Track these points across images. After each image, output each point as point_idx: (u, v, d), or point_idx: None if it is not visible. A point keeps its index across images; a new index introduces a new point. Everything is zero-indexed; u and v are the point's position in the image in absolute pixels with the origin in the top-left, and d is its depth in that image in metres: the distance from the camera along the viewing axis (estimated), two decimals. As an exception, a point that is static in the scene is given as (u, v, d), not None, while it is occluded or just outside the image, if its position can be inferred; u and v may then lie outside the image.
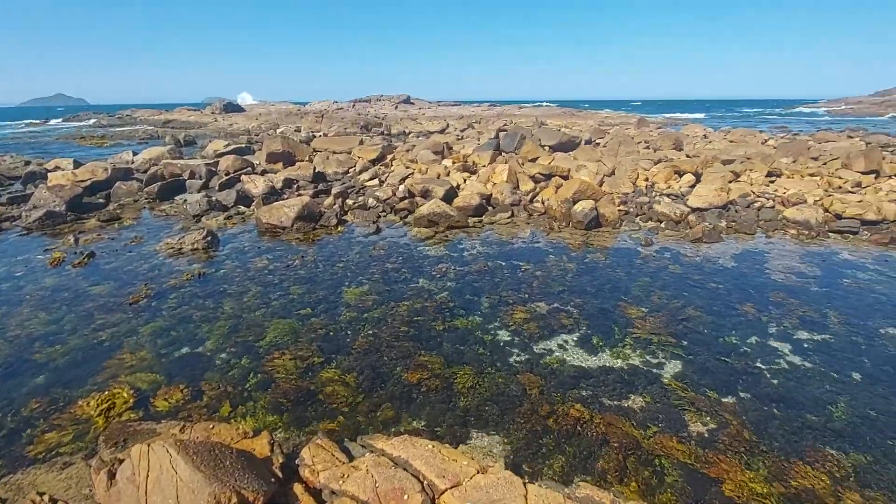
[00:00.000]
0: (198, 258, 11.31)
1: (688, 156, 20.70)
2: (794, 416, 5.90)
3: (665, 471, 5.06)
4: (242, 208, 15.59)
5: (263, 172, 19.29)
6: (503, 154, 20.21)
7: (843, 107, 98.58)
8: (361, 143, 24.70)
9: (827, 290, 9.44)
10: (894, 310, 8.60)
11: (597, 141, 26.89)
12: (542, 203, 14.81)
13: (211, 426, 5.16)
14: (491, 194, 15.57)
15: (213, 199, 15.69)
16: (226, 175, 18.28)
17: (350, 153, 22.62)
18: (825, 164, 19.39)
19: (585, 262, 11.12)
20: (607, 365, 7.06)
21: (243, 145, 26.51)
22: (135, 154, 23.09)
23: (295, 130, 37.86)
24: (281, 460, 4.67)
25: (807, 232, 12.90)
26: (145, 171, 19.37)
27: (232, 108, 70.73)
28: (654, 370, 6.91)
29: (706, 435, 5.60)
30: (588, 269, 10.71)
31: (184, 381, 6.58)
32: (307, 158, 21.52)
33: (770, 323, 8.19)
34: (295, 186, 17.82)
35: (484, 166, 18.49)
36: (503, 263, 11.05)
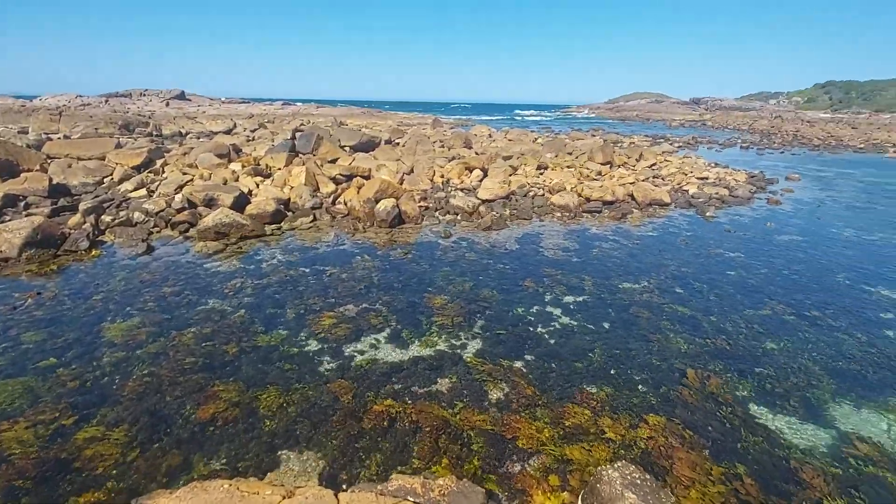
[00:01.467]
0: None
1: (476, 153, 23.41)
2: (565, 367, 7.24)
3: (472, 441, 5.61)
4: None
5: (-43, 187, 14.27)
6: (300, 156, 19.43)
7: (587, 112, 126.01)
8: (119, 146, 20.52)
9: (583, 260, 11.89)
10: (626, 268, 11.36)
11: (396, 141, 28.20)
12: (345, 204, 14.78)
13: None
14: (289, 198, 14.80)
15: None
16: None
17: (104, 159, 18.56)
18: (577, 157, 24.42)
19: (391, 259, 11.54)
20: (417, 355, 7.45)
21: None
22: None
23: (19, 132, 29.14)
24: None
25: (568, 214, 16.02)
26: None
27: None
28: (458, 351, 7.60)
29: (503, 399, 6.42)
30: (394, 265, 11.14)
31: None
32: (38, 168, 16.81)
33: (546, 293, 9.88)
34: (21, 205, 13.76)
35: (279, 169, 17.45)
36: (307, 270, 10.63)
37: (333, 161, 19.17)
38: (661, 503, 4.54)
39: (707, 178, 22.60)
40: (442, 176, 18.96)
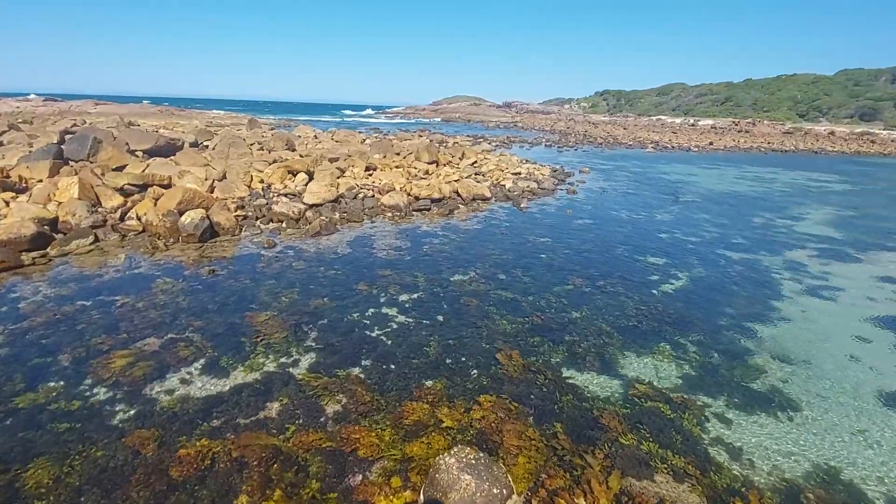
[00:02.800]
0: None
1: (301, 155, 22.37)
2: (403, 366, 7.37)
3: (308, 464, 5.29)
4: None
5: None
6: (70, 164, 15.90)
7: (415, 112, 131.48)
8: None
9: (415, 257, 12.30)
10: (455, 261, 12.11)
11: (204, 143, 25.23)
12: (139, 219, 12.60)
13: None
14: (57, 217, 11.97)
15: None
16: None
17: None
18: (404, 157, 25.21)
19: (203, 278, 10.24)
20: (240, 382, 6.74)
21: None
22: None
23: None
24: None
25: (399, 213, 16.41)
26: None
27: None
28: (290, 369, 7.11)
29: (340, 411, 6.22)
30: (207, 285, 9.91)
31: None
32: None
33: (381, 294, 9.93)
34: None
35: (39, 181, 14.00)
36: (88, 303, 8.74)
37: (120, 168, 16.17)
38: (494, 477, 4.93)
39: (520, 174, 25.63)
40: (262, 181, 17.60)
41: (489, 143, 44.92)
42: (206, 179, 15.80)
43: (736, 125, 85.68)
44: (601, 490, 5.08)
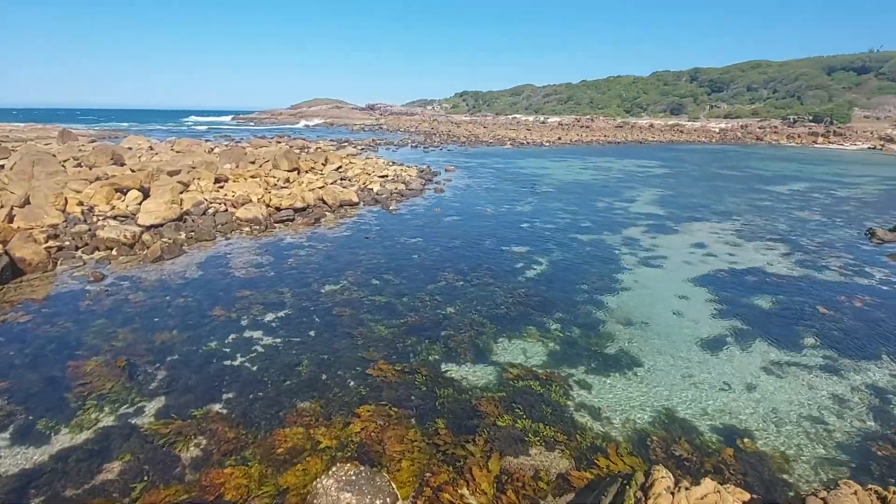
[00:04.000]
0: None
1: (132, 170, 19.59)
2: (272, 391, 6.87)
3: (162, 525, 4.64)
4: None
5: None
6: None
7: (270, 117, 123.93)
8: None
9: (280, 272, 11.59)
10: (325, 271, 11.68)
11: (-2, 162, 20.72)
12: None
13: None
14: None
15: None
16: None
17: None
18: (261, 166, 23.61)
19: (4, 329, 8.39)
20: (67, 446, 5.66)
21: None
22: None
23: None
24: None
25: (258, 227, 15.31)
26: None
27: None
28: (132, 420, 6.17)
29: (200, 456, 5.57)
30: (13, 336, 8.14)
31: None
32: None
33: (242, 317, 9.15)
34: None
35: None
36: None
37: None
38: (376, 489, 4.85)
39: (387, 176, 25.73)
40: (81, 203, 15.01)
41: (354, 147, 44.34)
42: (0, 207, 12.93)
43: (578, 121, 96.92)
44: (482, 475, 5.31)
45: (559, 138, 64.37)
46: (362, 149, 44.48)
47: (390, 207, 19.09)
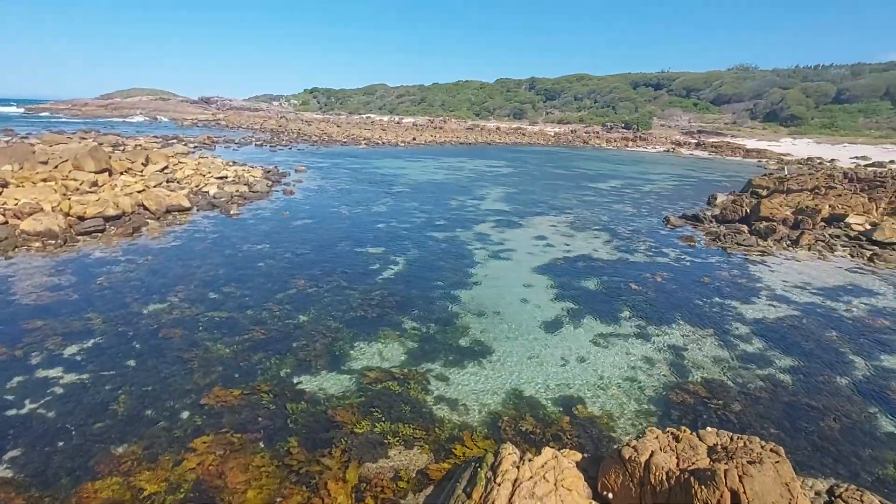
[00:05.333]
0: None
1: None
2: (76, 440, 5.75)
3: None
4: None
5: None
6: None
7: (72, 108, 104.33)
8: None
9: (86, 295, 9.78)
10: (148, 289, 10.18)
11: None
12: None
13: None
14: None
15: None
16: None
17: None
18: (57, 167, 19.67)
19: None
20: None
21: None
22: None
23: None
24: None
25: (54, 241, 12.70)
26: None
27: None
28: None
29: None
30: None
31: None
32: None
33: (31, 354, 7.49)
34: None
35: None
36: None
37: None
38: (216, 528, 4.36)
39: (227, 177, 23.52)
40: None
41: (185, 145, 39.60)
42: None
43: (432, 122, 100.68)
44: (338, 488, 5.14)
45: (414, 139, 66.03)
46: (195, 147, 39.98)
47: (231, 212, 17.48)
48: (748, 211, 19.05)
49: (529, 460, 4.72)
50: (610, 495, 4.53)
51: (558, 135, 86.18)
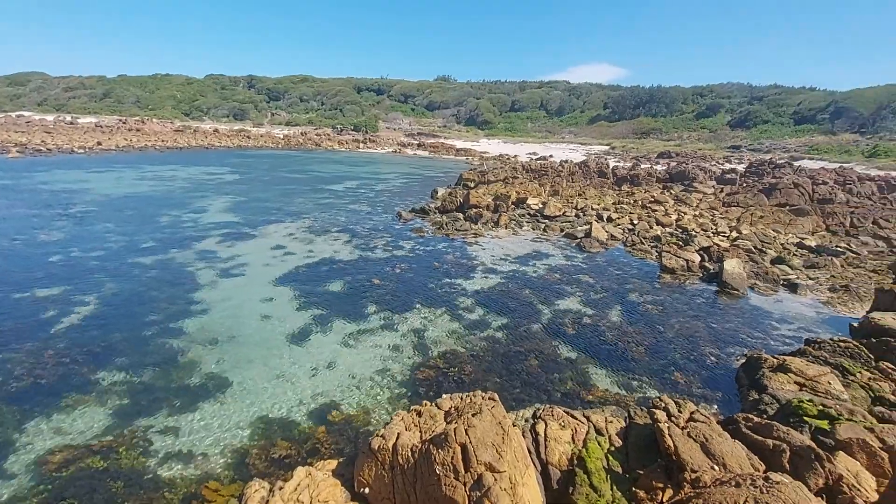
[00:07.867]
0: None
1: None
2: None
3: None
4: None
5: None
6: None
7: None
8: None
9: None
10: None
11: None
12: None
13: None
14: None
15: None
16: None
17: None
18: None
19: None
20: None
21: None
22: None
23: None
24: None
25: None
26: None
27: None
28: None
29: None
30: None
31: None
32: None
33: None
34: None
35: None
36: None
37: None
38: None
39: None
40: None
41: None
42: None
43: (124, 123, 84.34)
44: None
45: (99, 143, 54.17)
46: None
47: None
48: (461, 201, 22.47)
49: (280, 488, 4.40)
50: (366, 490, 4.61)
51: (288, 137, 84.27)
